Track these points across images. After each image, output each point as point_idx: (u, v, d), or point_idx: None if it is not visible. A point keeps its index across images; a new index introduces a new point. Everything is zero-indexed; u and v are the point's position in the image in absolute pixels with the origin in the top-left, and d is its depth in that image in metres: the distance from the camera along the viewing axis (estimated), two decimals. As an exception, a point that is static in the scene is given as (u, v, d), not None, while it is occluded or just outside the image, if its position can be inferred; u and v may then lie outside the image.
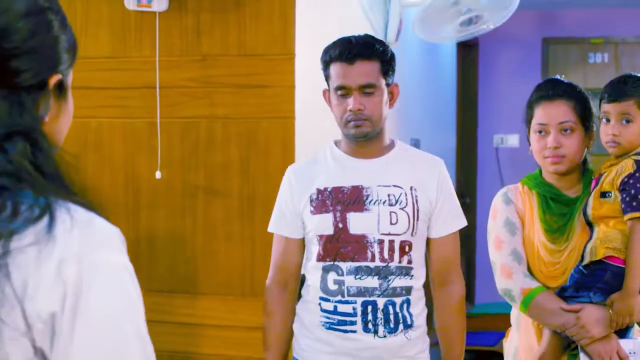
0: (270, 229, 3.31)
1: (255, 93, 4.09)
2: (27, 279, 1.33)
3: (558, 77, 3.34)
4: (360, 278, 3.11)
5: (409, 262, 3.14)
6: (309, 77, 4.13)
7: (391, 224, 3.11)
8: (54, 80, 1.52)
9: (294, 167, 3.32)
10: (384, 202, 3.12)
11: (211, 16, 4.14)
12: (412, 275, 3.16)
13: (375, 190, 3.14)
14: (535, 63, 9.02)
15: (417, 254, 3.18)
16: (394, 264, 3.12)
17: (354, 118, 3.09)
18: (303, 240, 3.26)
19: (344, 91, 3.11)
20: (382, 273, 3.11)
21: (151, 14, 4.17)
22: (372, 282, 3.10)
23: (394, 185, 3.15)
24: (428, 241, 3.24)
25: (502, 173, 8.75)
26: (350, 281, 3.11)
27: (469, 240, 8.41)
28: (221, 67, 4.15)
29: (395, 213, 3.12)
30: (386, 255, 3.11)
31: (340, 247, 3.13)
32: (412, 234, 3.13)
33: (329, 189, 3.16)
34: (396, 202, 3.13)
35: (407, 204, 3.13)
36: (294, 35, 4.03)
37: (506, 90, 8.92)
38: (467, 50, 8.84)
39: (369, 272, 3.11)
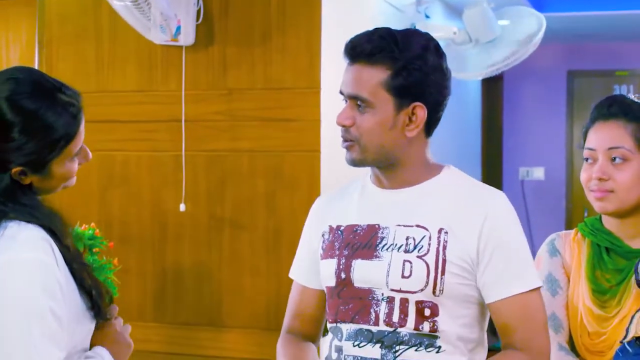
0: (290, 274, 2.64)
1: (281, 126, 4.09)
2: None
3: (627, 94, 2.57)
4: (359, 345, 2.32)
5: (433, 330, 2.28)
6: (334, 111, 4.10)
7: (403, 276, 2.27)
8: (15, 170, 2.08)
9: (319, 199, 2.62)
10: (399, 248, 2.30)
11: (237, 50, 4.16)
12: (440, 348, 2.29)
13: (393, 230, 2.33)
14: (561, 96, 9.01)
15: (454, 321, 2.31)
16: (405, 330, 2.28)
17: (342, 135, 2.36)
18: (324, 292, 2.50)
19: (344, 98, 2.36)
20: (387, 341, 2.29)
21: (178, 49, 4.20)
22: (373, 351, 2.30)
23: (417, 226, 2.31)
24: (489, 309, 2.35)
25: (527, 206, 8.71)
26: (348, 348, 2.34)
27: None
28: (247, 101, 4.16)
29: (410, 263, 2.28)
30: (395, 318, 2.28)
31: (341, 303, 2.36)
32: (434, 293, 2.27)
33: (342, 228, 2.41)
34: (414, 247, 2.29)
35: (428, 251, 2.27)
36: (320, 69, 4.04)
37: (531, 123, 8.91)
38: (492, 83, 8.84)
39: (370, 338, 2.31)
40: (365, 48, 2.28)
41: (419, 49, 2.29)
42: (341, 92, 2.35)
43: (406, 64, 2.26)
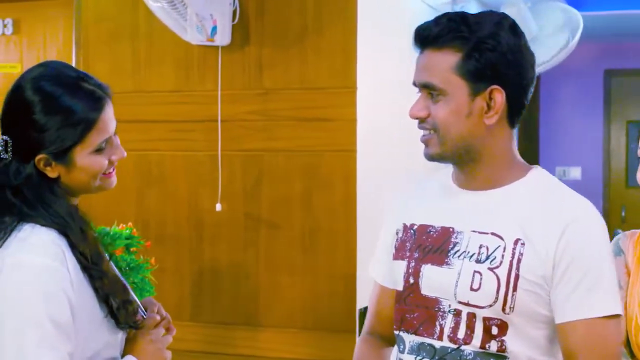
0: (369, 271, 2.43)
1: (317, 126, 4.09)
2: None
3: None
4: None
5: (501, 349, 2.05)
6: (370, 110, 4.13)
7: (472, 289, 2.06)
8: (38, 158, 2.07)
9: (395, 194, 2.43)
10: (470, 256, 2.09)
11: (273, 50, 4.16)
12: None
13: (467, 236, 2.11)
14: (597, 95, 8.95)
15: (524, 342, 2.07)
16: (470, 349, 2.07)
17: (418, 127, 2.15)
18: None
19: (417, 90, 2.16)
20: (449, 359, 2.09)
21: (214, 49, 4.21)
22: None
23: (493, 234, 2.08)
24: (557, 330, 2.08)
25: (564, 206, 8.65)
26: None
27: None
28: (283, 101, 4.16)
29: (480, 274, 2.06)
30: (460, 334, 2.07)
31: (407, 311, 2.17)
32: (504, 310, 2.03)
33: (415, 227, 2.22)
34: (487, 258, 2.07)
35: (501, 263, 2.04)
36: (356, 69, 4.03)
37: (568, 122, 8.85)
38: (528, 82, 8.80)
39: (432, 354, 2.12)
40: (433, 32, 2.08)
41: (491, 27, 2.08)
42: (414, 84, 2.15)
43: (477, 44, 2.05)
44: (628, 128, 8.96)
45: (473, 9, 6.03)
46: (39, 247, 2.01)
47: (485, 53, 2.05)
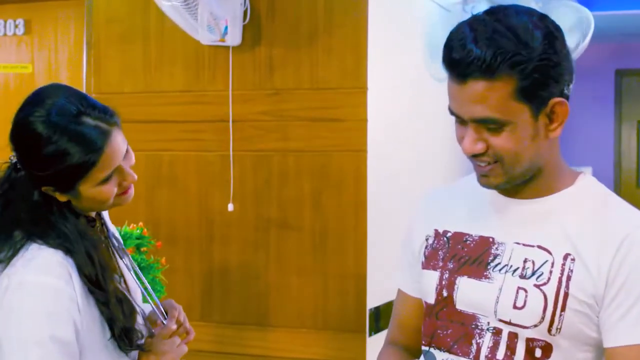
0: (394, 278, 2.33)
1: (328, 126, 4.09)
2: None
3: None
4: None
5: None
6: (381, 110, 4.13)
7: (515, 307, 1.90)
8: (45, 188, 2.12)
9: (426, 196, 2.24)
10: (514, 271, 1.93)
11: (284, 50, 4.16)
12: None
13: (510, 248, 1.95)
14: (608, 95, 8.94)
15: None
16: None
17: (476, 162, 1.95)
18: None
19: (458, 118, 1.94)
20: None
21: (225, 49, 4.21)
22: None
23: (539, 247, 1.92)
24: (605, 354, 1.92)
25: (574, 206, 8.63)
26: None
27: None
28: (294, 101, 4.16)
29: (525, 291, 1.90)
30: (499, 355, 1.92)
31: (439, 326, 2.03)
32: (549, 331, 1.88)
33: (449, 234, 2.07)
34: (532, 273, 1.91)
35: (549, 279, 1.89)
36: (367, 69, 4.03)
37: (579, 122, 8.83)
38: (539, 82, 8.80)
39: None
40: (481, 59, 1.82)
41: (542, 39, 1.86)
42: (453, 113, 1.94)
43: (536, 66, 1.84)
44: (639, 128, 8.95)
45: (484, 8, 5.99)
46: (44, 267, 2.06)
47: (543, 69, 1.85)
